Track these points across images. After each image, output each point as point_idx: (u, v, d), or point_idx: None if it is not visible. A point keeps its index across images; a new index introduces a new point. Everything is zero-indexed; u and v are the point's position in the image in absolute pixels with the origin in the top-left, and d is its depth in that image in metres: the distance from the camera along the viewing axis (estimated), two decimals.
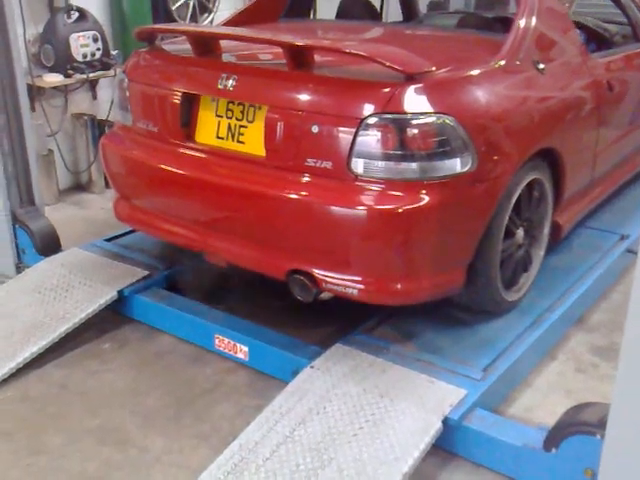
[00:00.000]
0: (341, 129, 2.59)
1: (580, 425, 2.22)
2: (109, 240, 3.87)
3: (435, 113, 2.57)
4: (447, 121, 2.58)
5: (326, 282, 2.72)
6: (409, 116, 2.55)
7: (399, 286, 2.70)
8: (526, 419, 2.71)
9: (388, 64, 2.56)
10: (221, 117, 2.91)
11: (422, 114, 2.56)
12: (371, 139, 2.55)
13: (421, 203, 2.56)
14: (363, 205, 2.57)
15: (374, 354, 2.81)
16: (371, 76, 2.66)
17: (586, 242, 3.78)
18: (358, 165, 2.58)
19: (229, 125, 2.89)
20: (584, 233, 3.86)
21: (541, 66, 3.11)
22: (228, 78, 2.82)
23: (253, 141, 2.81)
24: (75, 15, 4.79)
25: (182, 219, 3.09)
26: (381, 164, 2.56)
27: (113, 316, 3.40)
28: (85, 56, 4.83)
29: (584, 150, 3.51)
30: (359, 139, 2.56)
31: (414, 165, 2.55)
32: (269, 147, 2.75)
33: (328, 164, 2.63)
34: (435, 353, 2.83)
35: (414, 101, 2.57)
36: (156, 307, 3.32)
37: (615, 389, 1.65)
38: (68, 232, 4.17)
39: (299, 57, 2.74)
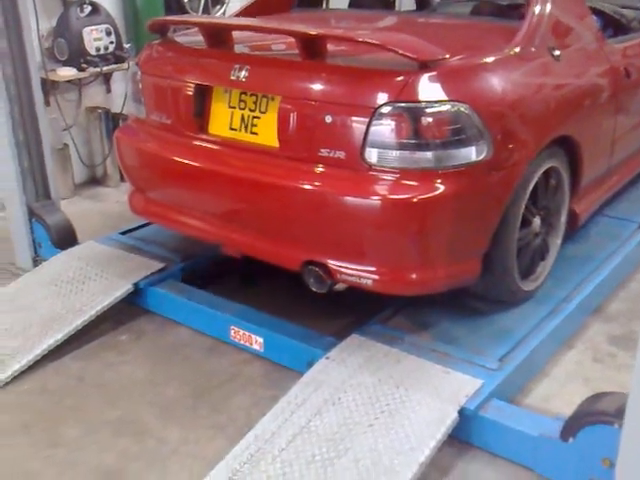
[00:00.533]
0: (354, 119, 2.57)
1: (597, 414, 2.20)
2: (124, 233, 3.88)
3: (450, 101, 2.55)
4: (462, 109, 2.55)
5: (340, 273, 2.71)
6: (423, 104, 2.53)
7: (414, 276, 2.68)
8: (543, 409, 2.69)
9: (401, 52, 2.54)
10: (234, 108, 2.91)
11: (436, 102, 2.54)
12: (385, 128, 2.53)
13: (436, 192, 2.54)
14: (377, 195, 2.56)
15: (389, 344, 2.80)
16: (384, 65, 2.65)
17: (604, 230, 3.74)
18: (372, 155, 2.56)
19: (242, 116, 2.88)
20: (602, 221, 3.82)
21: (557, 53, 3.08)
22: (241, 69, 2.81)
23: (266, 132, 2.80)
24: (88, 9, 4.81)
25: (196, 211, 3.09)
26: (395, 153, 2.55)
27: (129, 308, 3.41)
28: (98, 49, 4.84)
29: (601, 137, 3.47)
30: (373, 128, 2.54)
31: (429, 154, 2.54)
32: (282, 138, 2.74)
33: (342, 154, 2.61)
34: (451, 343, 2.82)
35: (428, 89, 2.55)
36: (172, 299, 3.33)
37: (633, 378, 1.63)
38: (84, 225, 4.19)
39: (311, 47, 2.72)
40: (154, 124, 3.19)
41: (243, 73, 2.81)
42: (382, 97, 2.54)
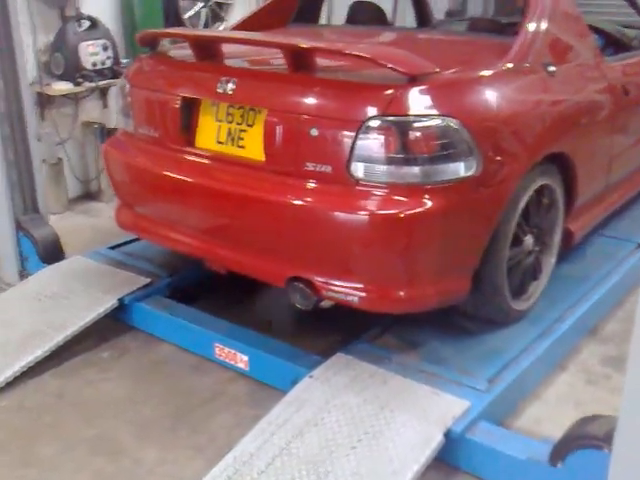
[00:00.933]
0: (340, 132, 2.52)
1: (587, 438, 2.11)
2: (113, 248, 3.83)
3: (438, 115, 2.49)
4: (451, 124, 2.50)
5: (326, 289, 2.64)
6: (411, 118, 2.47)
7: (402, 293, 2.61)
8: (534, 432, 2.61)
9: (390, 65, 2.49)
10: (221, 121, 2.86)
11: (425, 116, 2.48)
12: (372, 142, 2.48)
13: (423, 208, 2.48)
14: (364, 210, 2.49)
15: (376, 364, 2.72)
16: (373, 78, 2.60)
17: (600, 250, 3.67)
18: (358, 169, 2.50)
19: (229, 130, 2.83)
20: (598, 241, 3.75)
21: (552, 69, 3.02)
22: (227, 82, 2.77)
23: (253, 145, 2.75)
24: (86, 24, 4.79)
25: (182, 225, 3.04)
26: (382, 168, 2.49)
27: (114, 324, 3.34)
28: (95, 64, 4.81)
29: (598, 155, 3.41)
30: (359, 142, 2.48)
31: (416, 169, 2.47)
32: (268, 151, 2.69)
33: (328, 168, 2.56)
34: (439, 363, 2.73)
35: (417, 103, 2.50)
36: (156, 315, 3.27)
37: (623, 401, 1.56)
38: (74, 240, 4.15)
39: (299, 59, 2.67)
40: (142, 137, 3.14)
41: (230, 86, 2.76)
42: (369, 110, 2.48)
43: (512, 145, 2.73)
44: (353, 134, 2.48)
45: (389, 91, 2.49)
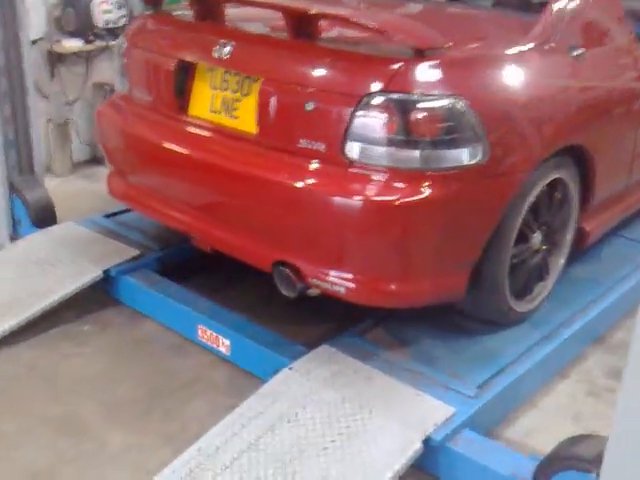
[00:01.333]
0: (337, 107, 2.34)
1: (573, 460, 1.93)
2: (109, 216, 3.68)
3: (446, 95, 2.30)
4: (458, 105, 2.30)
5: (313, 277, 2.48)
6: (415, 96, 2.28)
7: (393, 287, 2.44)
8: (524, 444, 2.43)
9: (397, 37, 2.29)
10: (216, 89, 2.69)
11: (430, 95, 2.29)
12: (369, 120, 2.29)
13: (422, 196, 2.29)
14: (356, 195, 2.32)
15: (362, 359, 2.55)
16: (378, 51, 2.40)
17: (616, 252, 3.43)
18: (353, 149, 2.32)
19: (224, 98, 2.66)
20: (616, 242, 3.51)
21: (578, 52, 2.80)
22: (224, 45, 2.60)
23: (246, 116, 2.58)
24: None
25: (170, 198, 2.89)
26: (379, 150, 2.30)
27: (99, 296, 3.21)
28: (107, 23, 4.65)
29: (620, 151, 3.17)
30: (356, 120, 2.30)
31: (416, 153, 2.29)
32: (261, 124, 2.52)
33: (321, 147, 2.38)
34: (428, 364, 2.56)
35: (422, 80, 2.31)
36: (142, 290, 3.12)
37: (614, 422, 1.39)
38: (73, 205, 4.04)
39: (300, 25, 2.49)
40: (136, 101, 3.00)
41: (226, 50, 2.59)
42: (369, 85, 2.30)
43: (525, 133, 2.52)
44: (350, 110, 2.30)
45: (393, 65, 2.30)
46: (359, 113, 2.29)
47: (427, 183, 2.30)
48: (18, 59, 3.54)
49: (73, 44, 4.57)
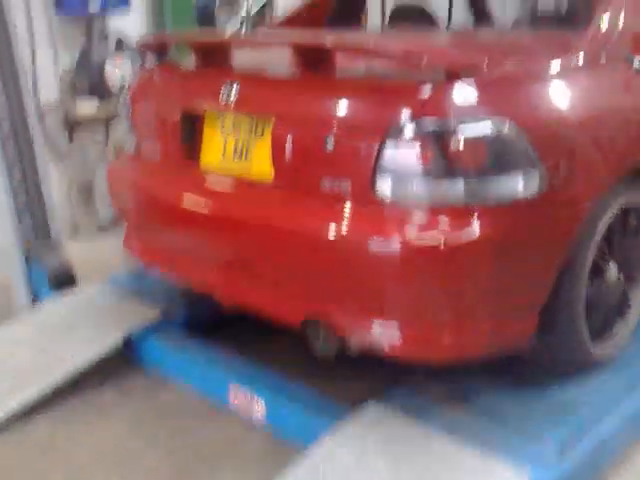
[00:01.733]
0: (362, 141, 2.05)
1: None
2: (132, 275, 3.42)
3: (489, 117, 1.99)
4: (505, 128, 1.99)
5: (350, 333, 2.16)
6: (453, 121, 1.97)
7: (446, 339, 2.09)
8: None
9: (425, 60, 2.01)
10: (228, 135, 2.43)
11: (471, 119, 1.98)
12: (401, 152, 1.99)
13: (471, 235, 1.97)
14: (393, 237, 1.99)
15: (417, 419, 2.19)
16: (403, 77, 2.12)
17: None
18: (384, 186, 2.02)
19: (236, 144, 2.40)
20: None
21: (637, 63, 2.48)
22: (230, 87, 2.35)
23: (261, 161, 2.31)
24: (112, 42, 4.50)
25: (187, 255, 2.60)
26: (415, 185, 1.99)
27: (122, 361, 2.91)
28: (124, 80, 4.50)
29: None
30: (386, 153, 2.01)
31: (460, 186, 1.97)
32: (277, 167, 2.25)
33: (347, 186, 2.08)
34: (496, 422, 2.18)
35: (458, 103, 2.01)
36: (165, 353, 2.85)
37: None
38: (97, 267, 3.82)
39: (315, 59, 2.22)
40: (145, 157, 2.76)
41: (233, 92, 2.33)
42: (398, 113, 2.00)
43: (587, 156, 2.19)
44: (378, 143, 2.00)
45: (424, 89, 2.01)
46: (388, 144, 2.00)
47: (476, 219, 1.97)
48: (23, 124, 3.37)
49: (88, 106, 4.40)
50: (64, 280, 3.38)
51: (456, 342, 2.09)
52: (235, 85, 2.34)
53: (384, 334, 2.09)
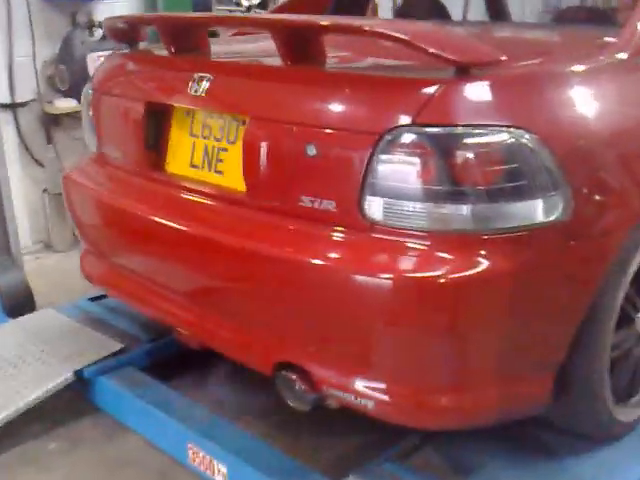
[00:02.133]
0: (348, 150, 1.67)
1: None
2: (96, 299, 3.05)
3: (506, 126, 1.60)
4: (524, 140, 1.61)
5: (329, 385, 1.77)
6: (459, 130, 1.59)
7: (445, 401, 1.71)
8: None
9: (432, 50, 1.61)
10: (197, 137, 2.05)
11: (482, 127, 1.60)
12: (395, 166, 1.62)
13: (477, 269, 1.59)
14: (384, 271, 1.62)
15: None
16: (403, 72, 1.74)
17: None
18: (374, 207, 1.65)
19: (206, 148, 2.02)
20: None
21: None
22: (201, 79, 1.96)
23: (233, 170, 1.93)
24: (99, 33, 4.10)
25: (148, 280, 2.23)
26: (412, 206, 1.62)
27: (73, 403, 2.55)
28: None
29: None
30: (377, 166, 1.63)
31: (466, 209, 1.59)
32: (250, 179, 1.87)
33: (330, 205, 1.70)
34: None
35: (468, 106, 1.63)
36: (121, 396, 2.44)
37: None
38: (69, 285, 3.44)
39: (298, 45, 1.83)
40: (108, 161, 2.38)
41: (204, 84, 1.95)
42: (394, 117, 1.62)
43: (621, 176, 1.80)
44: (367, 153, 1.62)
45: (427, 88, 1.62)
46: (381, 157, 1.62)
47: (484, 251, 1.60)
48: None
49: (66, 104, 4.01)
50: (20, 304, 3.01)
51: (457, 406, 1.71)
52: (205, 76, 1.96)
53: (369, 391, 1.72)
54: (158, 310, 2.21)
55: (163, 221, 2.04)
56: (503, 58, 1.68)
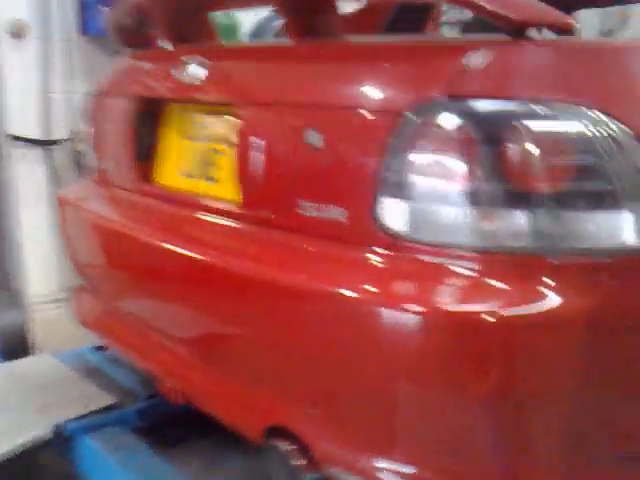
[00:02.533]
0: (360, 137, 1.24)
1: None
2: (100, 349, 2.69)
3: (580, 109, 1.16)
4: (603, 128, 1.15)
5: (333, 463, 1.30)
6: (512, 110, 1.15)
7: None
8: None
9: (480, 3, 1.19)
10: (189, 139, 1.68)
11: (550, 108, 1.15)
12: (424, 157, 1.18)
13: (544, 307, 1.12)
14: (409, 304, 1.16)
15: None
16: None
17: None
18: (394, 215, 1.20)
19: (198, 152, 1.65)
20: None
21: None
22: (192, 65, 1.60)
23: (226, 176, 1.54)
24: None
25: (135, 321, 1.86)
26: (449, 214, 1.17)
27: (51, 463, 2.18)
28: None
29: None
30: (397, 158, 1.19)
31: (525, 220, 1.13)
32: (244, 185, 1.46)
33: (337, 213, 1.27)
34: None
35: (526, 81, 1.19)
36: (103, 459, 2.04)
37: None
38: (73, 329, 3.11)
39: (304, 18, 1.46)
40: (102, 176, 2.04)
41: (200, 72, 1.58)
42: (421, 90, 1.20)
43: None
44: (383, 140, 1.19)
45: (467, 54, 1.20)
46: (401, 146, 1.18)
47: (551, 281, 1.13)
48: None
49: None
50: (13, 346, 2.71)
51: None
52: (199, 63, 1.61)
53: (391, 476, 1.24)
54: (139, 356, 1.82)
55: (144, 241, 1.67)
56: (571, 22, 1.24)
